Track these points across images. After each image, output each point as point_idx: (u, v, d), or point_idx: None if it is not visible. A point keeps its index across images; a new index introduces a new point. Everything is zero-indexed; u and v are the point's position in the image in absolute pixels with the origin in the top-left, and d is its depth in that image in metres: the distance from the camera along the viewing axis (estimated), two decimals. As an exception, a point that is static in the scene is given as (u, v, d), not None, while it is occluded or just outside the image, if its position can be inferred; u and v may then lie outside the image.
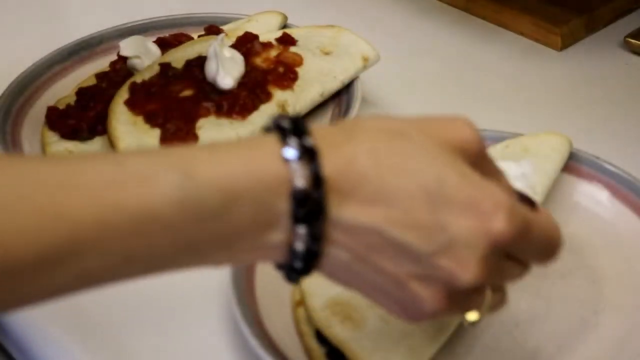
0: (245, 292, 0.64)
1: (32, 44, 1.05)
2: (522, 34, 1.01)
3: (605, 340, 0.63)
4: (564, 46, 0.99)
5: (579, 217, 0.74)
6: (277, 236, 0.47)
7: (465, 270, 0.48)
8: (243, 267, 0.66)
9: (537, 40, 1.00)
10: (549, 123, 0.86)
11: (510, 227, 0.49)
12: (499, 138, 0.78)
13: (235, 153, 0.47)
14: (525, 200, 0.54)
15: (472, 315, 0.53)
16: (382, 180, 0.48)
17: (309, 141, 0.47)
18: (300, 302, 0.65)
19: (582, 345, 0.63)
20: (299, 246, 0.47)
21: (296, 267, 0.49)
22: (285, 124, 0.48)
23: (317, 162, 0.47)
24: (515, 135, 0.78)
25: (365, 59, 0.89)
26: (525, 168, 0.73)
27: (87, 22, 1.08)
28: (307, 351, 0.62)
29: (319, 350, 0.62)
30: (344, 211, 0.47)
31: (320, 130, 0.49)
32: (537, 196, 0.72)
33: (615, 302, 0.66)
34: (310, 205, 0.46)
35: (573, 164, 0.76)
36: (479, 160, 0.51)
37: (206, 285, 0.70)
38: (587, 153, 0.76)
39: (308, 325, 0.63)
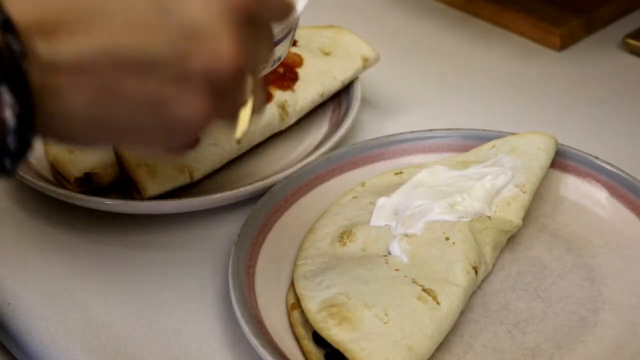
0: (245, 292, 0.64)
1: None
2: (521, 34, 1.01)
3: (604, 339, 0.63)
4: (563, 47, 0.99)
5: (578, 217, 0.74)
6: None
7: (220, 53, 0.42)
8: (243, 268, 0.66)
9: (536, 40, 1.00)
10: (548, 123, 0.86)
11: None
12: (488, 137, 0.78)
13: None
14: None
15: (240, 126, 0.47)
16: None
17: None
18: (295, 305, 0.65)
19: (582, 344, 0.63)
20: (8, 115, 0.37)
21: (9, 145, 0.38)
22: None
23: (2, 8, 0.38)
24: (501, 135, 0.78)
25: (365, 60, 0.89)
26: (513, 167, 0.74)
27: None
28: (306, 354, 0.62)
29: (317, 353, 0.62)
30: (57, 47, 0.39)
31: None
32: (525, 195, 0.72)
33: (614, 301, 0.66)
34: (8, 59, 0.37)
35: (572, 164, 0.76)
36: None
37: (206, 285, 0.70)
38: (587, 153, 0.76)
39: (304, 327, 0.63)
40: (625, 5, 1.03)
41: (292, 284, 0.67)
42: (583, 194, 0.75)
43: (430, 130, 0.81)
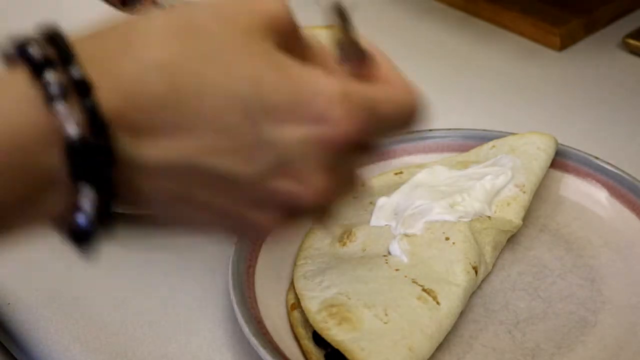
0: (245, 292, 0.64)
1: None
2: (521, 34, 1.01)
3: (604, 339, 0.63)
4: (563, 47, 0.99)
5: (578, 217, 0.74)
6: (56, 200, 0.37)
7: (307, 187, 0.40)
8: (243, 268, 0.66)
9: (536, 40, 1.00)
10: (548, 123, 0.86)
11: (350, 122, 0.40)
12: (488, 137, 0.78)
13: None
14: (357, 53, 0.45)
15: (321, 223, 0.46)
16: (182, 102, 0.37)
17: (76, 71, 0.35)
18: (295, 305, 0.65)
19: (582, 344, 0.63)
20: (86, 206, 0.37)
21: (87, 231, 0.38)
22: (35, 51, 0.36)
23: (91, 98, 0.35)
24: (501, 135, 0.78)
25: (365, 60, 0.89)
26: (513, 167, 0.74)
27: (87, 22, 1.08)
28: (306, 354, 0.62)
29: (317, 353, 0.62)
30: (142, 151, 0.37)
31: (86, 44, 0.37)
32: (525, 195, 0.72)
33: (614, 301, 0.66)
34: (92, 157, 0.35)
35: (572, 164, 0.76)
36: (292, 35, 0.43)
37: (206, 285, 0.70)
38: (587, 153, 0.76)
39: (304, 327, 0.63)
40: (625, 5, 1.03)
41: (292, 284, 0.67)
42: (583, 194, 0.75)
43: (430, 130, 0.81)
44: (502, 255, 0.70)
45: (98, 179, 0.36)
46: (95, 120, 0.35)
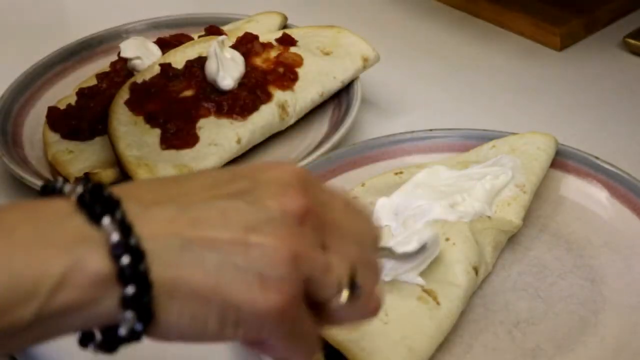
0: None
1: (33, 43, 1.05)
2: (521, 34, 1.01)
3: (604, 340, 0.63)
4: (563, 46, 0.99)
5: (578, 216, 0.74)
6: (102, 313, 0.43)
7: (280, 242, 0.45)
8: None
9: (536, 40, 1.00)
10: (548, 123, 0.86)
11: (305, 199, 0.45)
12: (488, 137, 0.78)
13: (39, 253, 0.41)
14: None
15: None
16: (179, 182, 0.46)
17: (136, 242, 0.42)
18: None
19: (582, 345, 0.63)
20: (124, 330, 0.44)
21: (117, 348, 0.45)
22: (99, 210, 0.42)
23: (145, 267, 0.42)
24: (501, 135, 0.78)
25: (365, 59, 0.89)
26: (513, 167, 0.74)
27: (87, 22, 1.08)
28: (307, 353, 0.62)
29: (317, 353, 0.62)
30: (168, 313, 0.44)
31: (142, 215, 0.43)
32: (525, 195, 0.72)
33: (614, 302, 0.66)
34: (139, 307, 0.43)
35: (572, 164, 0.76)
36: (317, 219, 0.46)
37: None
38: (587, 153, 0.76)
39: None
40: (625, 5, 1.03)
41: (292, 284, 0.67)
42: (583, 194, 0.75)
43: (430, 130, 0.81)
44: (502, 256, 0.70)
45: (137, 278, 0.42)
46: (144, 283, 0.42)
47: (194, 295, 0.43)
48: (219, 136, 0.81)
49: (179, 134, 0.80)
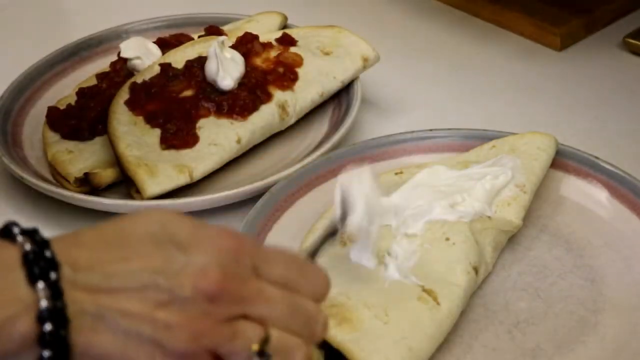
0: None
1: (33, 44, 1.05)
2: (521, 34, 1.01)
3: (604, 340, 0.63)
4: (563, 47, 0.99)
5: (578, 217, 0.74)
6: None
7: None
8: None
9: (536, 40, 1.00)
10: (548, 123, 0.86)
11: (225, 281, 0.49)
12: (488, 137, 0.78)
13: None
14: None
15: None
16: (107, 241, 0.50)
17: (62, 308, 0.47)
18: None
19: (582, 345, 0.63)
20: None
21: None
22: (37, 272, 0.47)
23: (66, 333, 0.46)
24: (501, 135, 0.78)
25: (365, 59, 0.89)
26: (513, 167, 0.73)
27: (87, 22, 1.08)
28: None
29: (318, 353, 0.62)
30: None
31: (72, 280, 0.47)
32: (525, 195, 0.72)
33: (614, 302, 0.66)
34: (54, 319, 0.47)
35: (572, 164, 0.76)
36: (232, 295, 0.49)
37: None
38: (587, 153, 0.76)
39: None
40: (625, 5, 1.03)
41: (292, 284, 0.67)
42: (583, 194, 0.75)
43: (430, 130, 0.81)
44: (502, 256, 0.70)
45: (56, 342, 0.46)
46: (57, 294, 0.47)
47: (103, 357, 0.48)
48: (219, 136, 0.81)
49: (179, 134, 0.80)
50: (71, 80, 0.94)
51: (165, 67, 0.86)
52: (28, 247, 0.48)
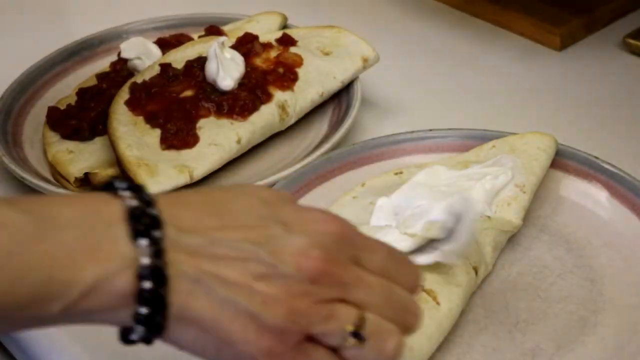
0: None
1: (33, 43, 1.05)
2: (521, 34, 1.01)
3: (604, 340, 0.63)
4: (563, 46, 0.99)
5: (578, 216, 0.74)
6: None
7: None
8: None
9: (536, 40, 1.00)
10: (548, 123, 0.86)
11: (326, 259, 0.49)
12: (488, 137, 0.78)
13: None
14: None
15: None
16: (212, 205, 0.50)
17: (162, 266, 0.46)
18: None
19: (582, 345, 0.63)
20: (139, 330, 0.48)
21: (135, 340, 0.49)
22: (141, 228, 0.47)
23: (164, 292, 0.46)
24: (501, 135, 0.78)
25: (365, 60, 0.89)
26: (513, 167, 0.73)
27: (87, 22, 1.08)
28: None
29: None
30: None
31: (175, 241, 0.47)
32: (525, 195, 0.72)
33: (614, 301, 0.66)
34: (150, 324, 0.47)
35: (572, 164, 0.76)
36: (332, 279, 0.49)
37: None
38: (586, 153, 0.76)
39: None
40: (625, 5, 1.03)
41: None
42: (583, 194, 0.75)
43: (430, 130, 0.81)
44: (502, 256, 0.70)
45: (154, 300, 0.46)
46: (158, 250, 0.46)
47: (197, 322, 0.47)
48: (219, 136, 0.81)
49: (179, 134, 0.80)
50: (71, 80, 0.94)
51: (166, 67, 0.86)
52: (134, 202, 0.47)
